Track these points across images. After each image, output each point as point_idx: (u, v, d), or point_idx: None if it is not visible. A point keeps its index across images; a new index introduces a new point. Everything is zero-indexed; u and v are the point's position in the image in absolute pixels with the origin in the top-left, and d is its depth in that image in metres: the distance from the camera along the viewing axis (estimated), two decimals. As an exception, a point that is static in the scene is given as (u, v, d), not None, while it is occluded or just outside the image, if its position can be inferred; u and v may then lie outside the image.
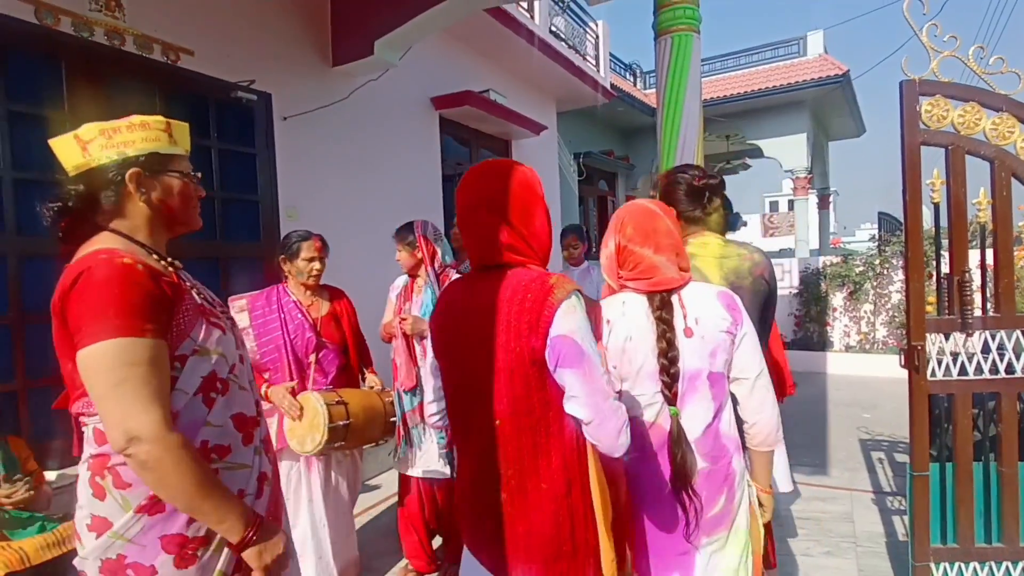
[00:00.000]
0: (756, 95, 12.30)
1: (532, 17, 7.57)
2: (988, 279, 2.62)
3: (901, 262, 8.47)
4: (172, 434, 1.17)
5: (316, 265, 2.86)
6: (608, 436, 1.27)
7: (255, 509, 1.35)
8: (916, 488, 2.58)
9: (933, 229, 2.70)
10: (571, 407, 1.28)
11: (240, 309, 2.78)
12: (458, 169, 7.37)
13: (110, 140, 1.28)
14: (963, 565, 2.57)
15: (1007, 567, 2.54)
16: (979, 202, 2.54)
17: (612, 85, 10.46)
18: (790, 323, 9.45)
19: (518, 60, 7.76)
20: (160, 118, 1.36)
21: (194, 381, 1.28)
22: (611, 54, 10.92)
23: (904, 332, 3.79)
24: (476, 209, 1.39)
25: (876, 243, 9.47)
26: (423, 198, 6.23)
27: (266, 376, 2.75)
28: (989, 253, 2.56)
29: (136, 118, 1.33)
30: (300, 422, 2.62)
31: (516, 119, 7.55)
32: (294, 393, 2.67)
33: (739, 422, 1.67)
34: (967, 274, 2.51)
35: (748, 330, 1.61)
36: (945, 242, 2.60)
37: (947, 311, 2.57)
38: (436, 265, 3.02)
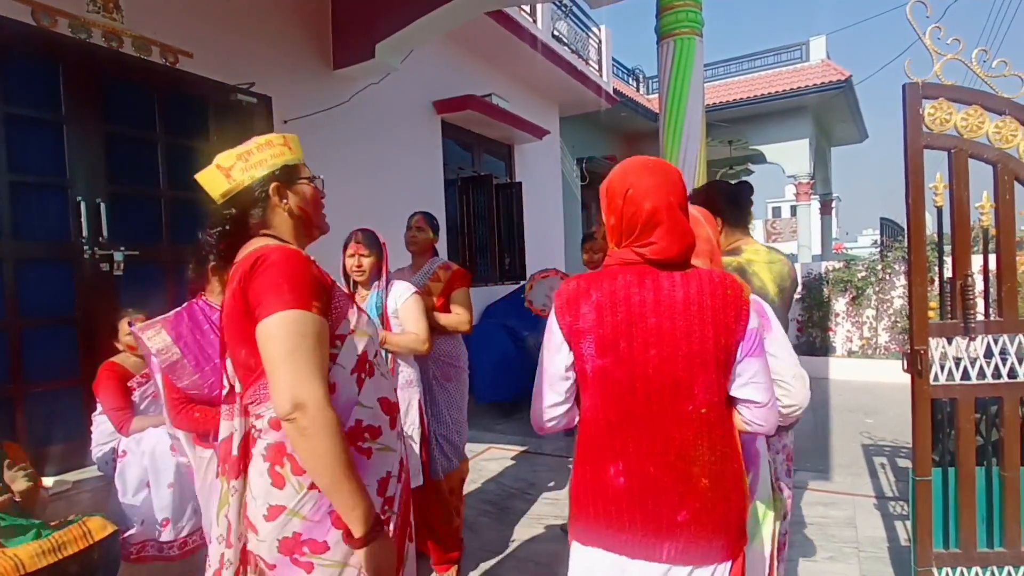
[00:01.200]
0: (759, 100, 12.31)
1: (535, 21, 7.57)
2: (991, 283, 2.61)
3: (903, 267, 8.44)
4: (330, 409, 1.23)
5: None
6: (774, 415, 1.43)
7: (397, 492, 1.47)
8: (919, 493, 2.56)
9: (936, 233, 2.68)
10: (749, 392, 1.39)
11: (162, 341, 2.25)
12: (460, 173, 7.36)
13: (247, 162, 1.42)
14: (965, 570, 2.55)
15: (1009, 571, 2.52)
16: (982, 206, 2.53)
17: (615, 90, 10.47)
18: (792, 328, 9.42)
19: (521, 64, 7.76)
20: (278, 135, 1.49)
21: (351, 358, 1.39)
22: (614, 59, 10.94)
23: (906, 337, 3.78)
24: (673, 203, 1.41)
25: (878, 248, 9.44)
26: (425, 202, 6.20)
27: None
28: (992, 257, 2.55)
29: (260, 139, 1.46)
30: None
31: (519, 123, 7.55)
32: None
33: None
34: (970, 278, 2.50)
35: (779, 336, 1.64)
36: (948, 246, 2.59)
37: (950, 315, 2.56)
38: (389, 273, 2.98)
